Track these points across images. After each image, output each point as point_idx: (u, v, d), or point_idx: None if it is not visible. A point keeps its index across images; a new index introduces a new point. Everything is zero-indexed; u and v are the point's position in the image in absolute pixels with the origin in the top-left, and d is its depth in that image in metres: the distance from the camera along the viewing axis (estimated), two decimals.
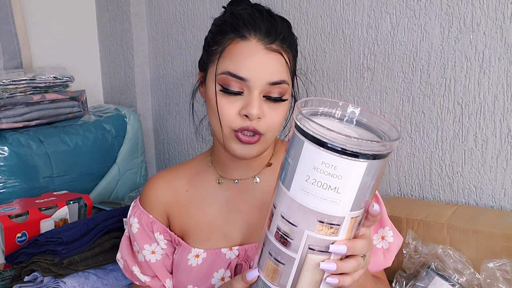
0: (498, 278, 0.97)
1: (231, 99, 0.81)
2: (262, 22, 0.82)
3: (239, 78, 0.79)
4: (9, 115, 1.34)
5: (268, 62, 0.80)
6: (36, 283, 1.11)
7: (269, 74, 0.79)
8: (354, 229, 0.63)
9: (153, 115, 1.84)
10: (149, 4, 1.76)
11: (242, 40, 0.81)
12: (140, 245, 0.94)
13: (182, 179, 0.96)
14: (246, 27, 0.81)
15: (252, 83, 0.79)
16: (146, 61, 1.80)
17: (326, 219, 0.60)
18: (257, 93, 0.79)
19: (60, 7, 1.70)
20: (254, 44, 0.80)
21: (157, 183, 0.97)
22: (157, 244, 0.94)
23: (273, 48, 0.80)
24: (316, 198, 0.59)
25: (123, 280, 1.17)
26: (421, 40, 1.20)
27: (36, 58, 1.63)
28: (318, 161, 0.58)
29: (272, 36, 0.80)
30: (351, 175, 0.58)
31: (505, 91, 1.11)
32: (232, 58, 0.80)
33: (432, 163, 1.24)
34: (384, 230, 0.90)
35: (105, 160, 1.56)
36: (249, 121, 0.80)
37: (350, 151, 0.56)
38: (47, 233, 1.15)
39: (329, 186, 0.58)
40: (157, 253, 0.94)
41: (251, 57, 0.79)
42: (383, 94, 1.28)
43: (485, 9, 1.11)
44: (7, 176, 1.30)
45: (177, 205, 0.95)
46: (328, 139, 0.56)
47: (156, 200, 0.96)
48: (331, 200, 0.59)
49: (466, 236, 1.04)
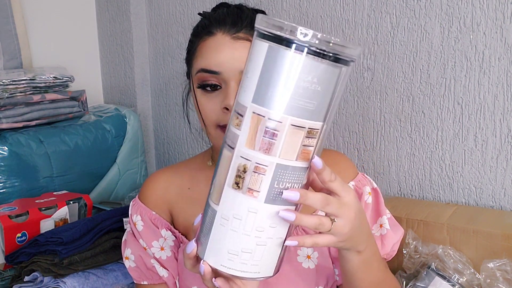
0: (498, 278, 0.97)
1: (210, 96, 0.81)
2: (228, 15, 0.82)
3: (212, 73, 0.80)
4: (9, 115, 1.34)
5: (237, 51, 0.79)
6: (36, 283, 1.11)
7: (240, 63, 0.78)
8: (258, 133, 0.55)
9: (153, 115, 1.84)
10: (149, 4, 1.76)
11: (209, 36, 0.82)
12: (147, 243, 0.92)
13: (184, 177, 0.95)
14: (213, 24, 0.82)
15: (226, 75, 0.79)
16: (146, 61, 1.80)
17: (236, 108, 0.57)
18: (234, 83, 0.79)
19: (60, 7, 1.70)
20: (220, 37, 0.80)
21: (158, 180, 0.95)
22: (165, 240, 0.92)
23: (240, 36, 0.80)
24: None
25: (123, 280, 1.17)
26: (421, 40, 1.20)
27: (36, 58, 1.63)
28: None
29: (238, 25, 0.81)
30: (257, 58, 0.55)
31: (505, 91, 1.11)
32: (203, 55, 0.82)
33: (432, 163, 1.24)
34: (382, 218, 0.91)
35: (105, 160, 1.56)
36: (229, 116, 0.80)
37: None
38: (47, 233, 1.15)
39: (247, 70, 0.56)
40: (166, 249, 0.92)
41: (218, 49, 0.80)
42: (383, 94, 1.28)
43: (485, 9, 1.11)
44: (7, 176, 1.30)
45: (180, 202, 0.93)
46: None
47: (158, 196, 0.94)
48: (243, 86, 0.57)
49: (466, 236, 1.04)
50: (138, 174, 1.68)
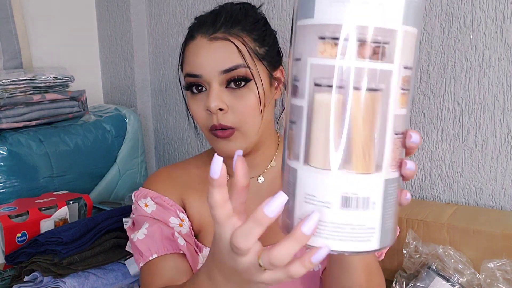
0: (498, 278, 0.97)
1: (196, 98, 0.82)
2: (208, 16, 0.83)
3: (194, 76, 0.80)
4: (9, 115, 1.34)
5: (214, 51, 0.79)
6: (36, 283, 1.11)
7: (219, 63, 0.78)
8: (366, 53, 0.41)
9: (153, 115, 1.84)
10: (149, 4, 1.76)
11: (191, 40, 0.82)
12: (165, 220, 0.85)
13: (190, 173, 0.92)
14: (195, 27, 0.83)
15: (207, 77, 0.79)
16: (146, 61, 1.80)
17: (326, 32, 0.41)
18: (216, 85, 0.79)
19: (60, 7, 1.70)
20: (199, 40, 0.81)
21: (167, 172, 0.92)
22: (182, 220, 0.85)
23: (217, 36, 0.80)
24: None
25: (123, 280, 1.17)
26: (421, 40, 1.20)
27: (36, 58, 1.63)
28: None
29: (216, 25, 0.81)
30: None
31: (505, 91, 1.11)
32: (186, 59, 0.83)
33: (432, 163, 1.24)
34: None
35: (105, 160, 1.56)
36: (215, 117, 0.79)
37: None
38: (47, 233, 1.15)
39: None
40: (185, 226, 0.86)
41: (197, 52, 0.80)
42: None
43: (485, 9, 1.11)
44: (7, 176, 1.30)
45: (194, 193, 0.89)
46: None
47: (169, 186, 0.89)
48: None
49: (466, 236, 1.04)
50: (138, 174, 1.68)
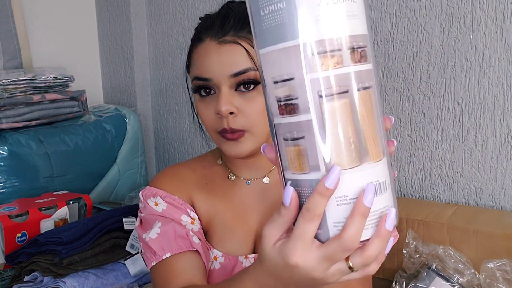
0: (498, 278, 0.97)
1: (205, 101, 0.81)
2: (216, 19, 0.82)
3: (204, 80, 0.79)
4: (9, 115, 1.34)
5: (224, 55, 0.78)
6: (36, 283, 1.11)
7: (229, 67, 0.78)
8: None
9: (153, 115, 1.84)
10: (149, 4, 1.76)
11: (199, 43, 0.81)
12: (176, 218, 0.84)
13: (197, 173, 0.91)
14: (203, 29, 0.82)
15: (217, 81, 0.78)
16: (146, 61, 1.80)
17: (320, 47, 0.44)
18: (226, 88, 0.78)
19: (60, 7, 1.70)
20: (208, 43, 0.80)
21: (175, 171, 0.91)
22: (192, 219, 0.84)
23: (226, 40, 0.79)
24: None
25: (123, 280, 1.17)
26: (421, 40, 1.20)
27: (36, 58, 1.63)
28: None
29: (225, 28, 0.80)
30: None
31: (505, 91, 1.11)
32: (194, 62, 0.82)
33: (432, 163, 1.24)
34: None
35: (105, 160, 1.56)
36: (225, 121, 0.79)
37: None
38: (47, 233, 1.15)
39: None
40: (196, 224, 0.84)
41: (206, 56, 0.79)
42: (383, 94, 1.28)
43: (485, 9, 1.11)
44: (7, 176, 1.30)
45: (202, 193, 0.88)
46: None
47: (177, 184, 0.87)
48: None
49: (466, 236, 1.04)
50: (138, 174, 1.68)
